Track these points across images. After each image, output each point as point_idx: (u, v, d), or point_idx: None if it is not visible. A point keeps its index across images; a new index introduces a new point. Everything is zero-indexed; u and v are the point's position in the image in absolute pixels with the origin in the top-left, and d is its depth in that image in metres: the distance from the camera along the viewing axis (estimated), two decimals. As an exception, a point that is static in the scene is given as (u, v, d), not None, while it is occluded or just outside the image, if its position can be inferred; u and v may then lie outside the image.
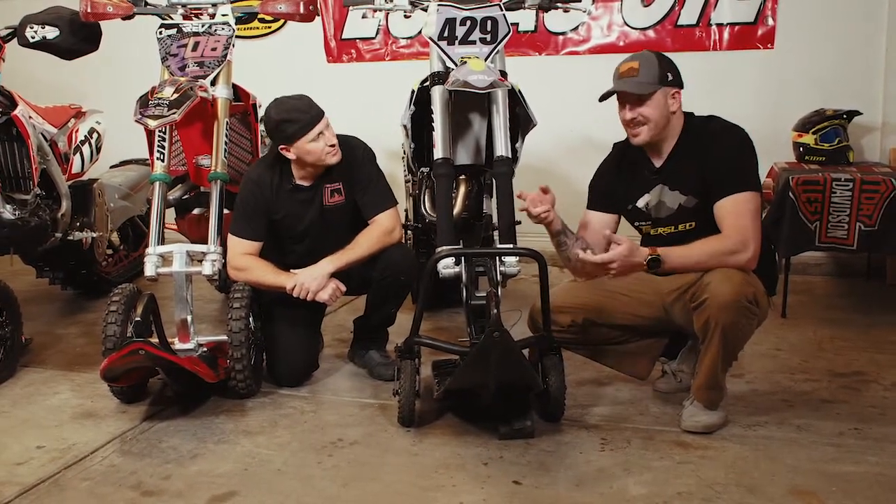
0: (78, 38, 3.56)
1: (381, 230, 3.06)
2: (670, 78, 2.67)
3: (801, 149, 4.34)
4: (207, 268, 2.97)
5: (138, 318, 2.87)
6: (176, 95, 2.91)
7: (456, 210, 3.10)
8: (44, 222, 3.74)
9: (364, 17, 5.36)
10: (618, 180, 2.85)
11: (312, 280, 2.94)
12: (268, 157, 3.16)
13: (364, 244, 3.03)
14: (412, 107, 3.22)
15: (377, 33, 5.43)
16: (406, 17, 3.35)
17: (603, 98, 2.73)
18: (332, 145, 3.01)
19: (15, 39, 3.61)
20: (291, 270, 3.02)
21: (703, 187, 2.66)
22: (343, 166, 3.08)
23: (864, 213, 3.78)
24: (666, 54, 2.76)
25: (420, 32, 5.00)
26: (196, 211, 3.59)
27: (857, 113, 4.38)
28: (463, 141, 3.21)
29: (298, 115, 2.95)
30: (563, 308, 2.81)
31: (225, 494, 2.38)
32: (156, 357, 2.68)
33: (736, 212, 2.58)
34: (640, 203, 2.79)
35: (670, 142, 2.72)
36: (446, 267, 2.78)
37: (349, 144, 3.14)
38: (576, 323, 2.84)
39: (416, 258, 3.39)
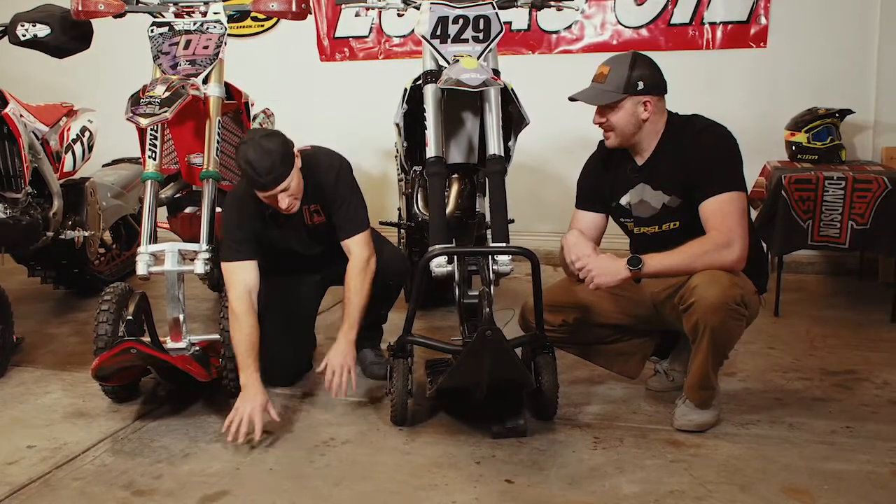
0: (69, 36, 3.55)
1: (359, 268, 2.92)
2: (641, 87, 2.63)
3: (794, 147, 4.35)
4: (199, 266, 2.96)
5: (130, 317, 2.86)
6: (167, 94, 2.90)
7: (449, 209, 3.10)
8: (35, 221, 3.73)
9: (357, 15, 5.29)
10: (602, 178, 2.85)
11: (342, 361, 2.80)
12: (244, 182, 3.00)
13: (356, 295, 2.89)
14: (405, 105, 3.22)
15: (370, 32, 5.43)
16: (399, 15, 3.34)
17: (572, 99, 2.72)
18: (293, 198, 2.84)
19: (6, 38, 3.59)
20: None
21: (686, 187, 2.65)
22: (313, 190, 2.94)
23: (856, 212, 3.79)
24: (651, 58, 2.71)
25: (413, 31, 5.01)
26: (188, 210, 3.58)
27: (850, 112, 4.39)
28: (456, 139, 3.21)
29: (255, 175, 2.74)
30: (555, 307, 2.82)
31: (216, 494, 2.38)
32: (147, 356, 2.67)
33: (720, 212, 2.56)
34: (623, 201, 2.79)
35: (651, 141, 2.71)
36: (439, 265, 2.78)
37: (315, 166, 2.95)
38: (567, 322, 2.84)
39: (407, 258, 3.37)
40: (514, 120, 3.19)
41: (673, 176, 2.67)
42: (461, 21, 2.95)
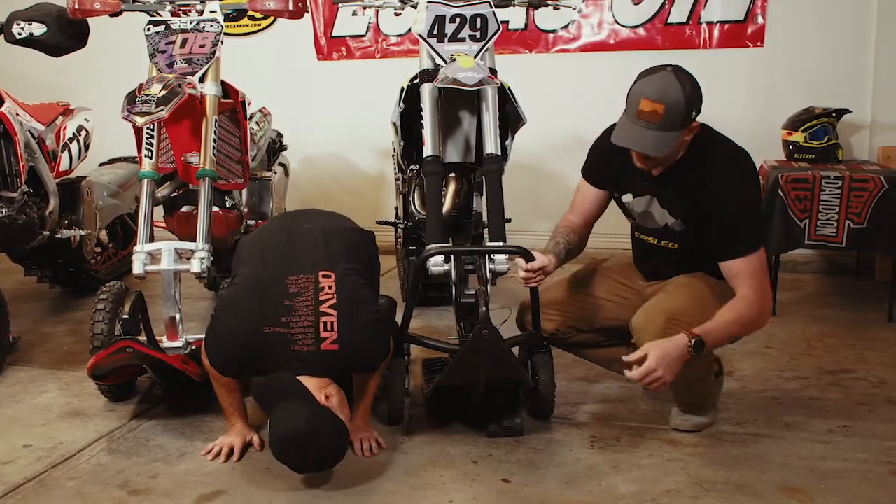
0: (65, 34, 3.54)
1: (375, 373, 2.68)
2: (693, 115, 2.43)
3: (791, 147, 4.35)
4: (196, 265, 2.94)
5: (126, 316, 2.87)
6: (164, 92, 2.89)
7: (445, 208, 3.09)
8: (31, 220, 3.72)
9: (354, 14, 5.35)
10: (610, 163, 2.71)
11: (362, 434, 2.65)
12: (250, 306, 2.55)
13: (370, 387, 2.67)
14: (402, 104, 3.21)
15: (367, 31, 5.42)
16: (396, 14, 3.34)
17: (617, 141, 2.46)
18: None
19: (2, 36, 3.58)
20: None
21: (695, 218, 2.55)
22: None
23: (853, 211, 3.80)
24: (687, 70, 2.47)
25: (410, 30, 5.00)
26: (185, 209, 3.56)
27: (847, 111, 4.39)
28: (452, 138, 3.20)
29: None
30: (548, 316, 2.78)
31: (213, 493, 2.37)
32: (143, 355, 2.67)
33: (752, 274, 2.48)
34: (625, 199, 2.75)
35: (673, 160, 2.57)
36: (436, 264, 2.77)
37: (357, 357, 2.53)
38: (560, 331, 2.82)
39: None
40: (511, 119, 3.18)
41: (684, 203, 2.56)
42: (458, 20, 2.95)
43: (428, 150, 2.92)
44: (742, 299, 2.49)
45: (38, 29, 3.49)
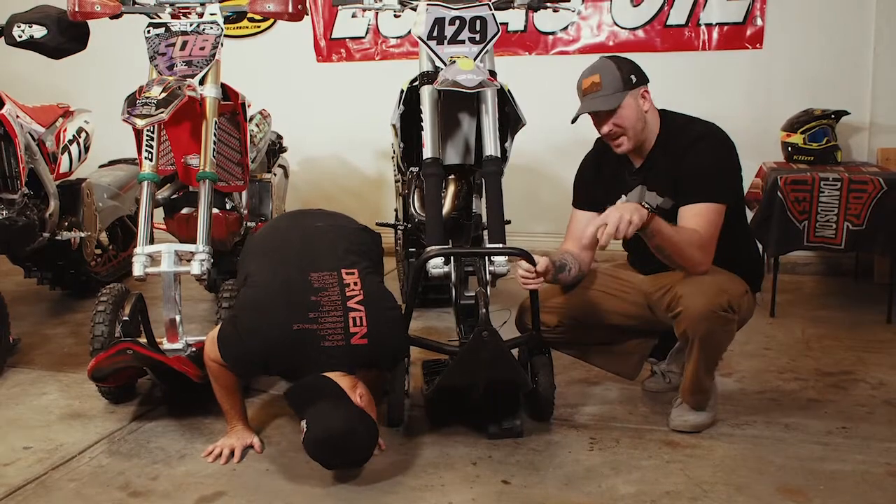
0: (66, 37, 3.54)
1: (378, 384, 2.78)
2: (635, 80, 2.65)
3: (790, 148, 4.36)
4: (196, 267, 2.95)
5: (126, 318, 2.87)
6: (164, 94, 2.89)
7: (445, 209, 3.09)
8: (31, 222, 3.73)
9: (354, 16, 5.36)
10: (597, 180, 2.85)
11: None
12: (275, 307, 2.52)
13: (376, 384, 2.73)
14: (401, 106, 3.21)
15: (367, 33, 5.43)
16: (396, 16, 3.34)
17: (575, 120, 2.72)
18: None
19: (2, 38, 3.59)
20: None
21: (677, 192, 2.63)
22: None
23: (851, 213, 3.80)
24: (624, 55, 2.74)
25: (410, 32, 5.01)
26: (185, 210, 3.57)
27: (845, 113, 4.40)
28: (452, 140, 3.20)
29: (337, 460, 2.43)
30: (550, 309, 2.81)
31: (213, 495, 2.38)
32: (144, 357, 2.67)
33: (703, 219, 2.54)
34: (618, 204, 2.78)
35: (649, 141, 2.70)
36: (436, 266, 2.78)
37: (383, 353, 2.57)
38: (562, 324, 2.83)
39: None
40: (510, 121, 3.19)
41: (667, 180, 2.66)
42: (458, 22, 2.95)
43: (427, 152, 2.92)
44: (694, 230, 2.53)
45: (39, 31, 3.50)
